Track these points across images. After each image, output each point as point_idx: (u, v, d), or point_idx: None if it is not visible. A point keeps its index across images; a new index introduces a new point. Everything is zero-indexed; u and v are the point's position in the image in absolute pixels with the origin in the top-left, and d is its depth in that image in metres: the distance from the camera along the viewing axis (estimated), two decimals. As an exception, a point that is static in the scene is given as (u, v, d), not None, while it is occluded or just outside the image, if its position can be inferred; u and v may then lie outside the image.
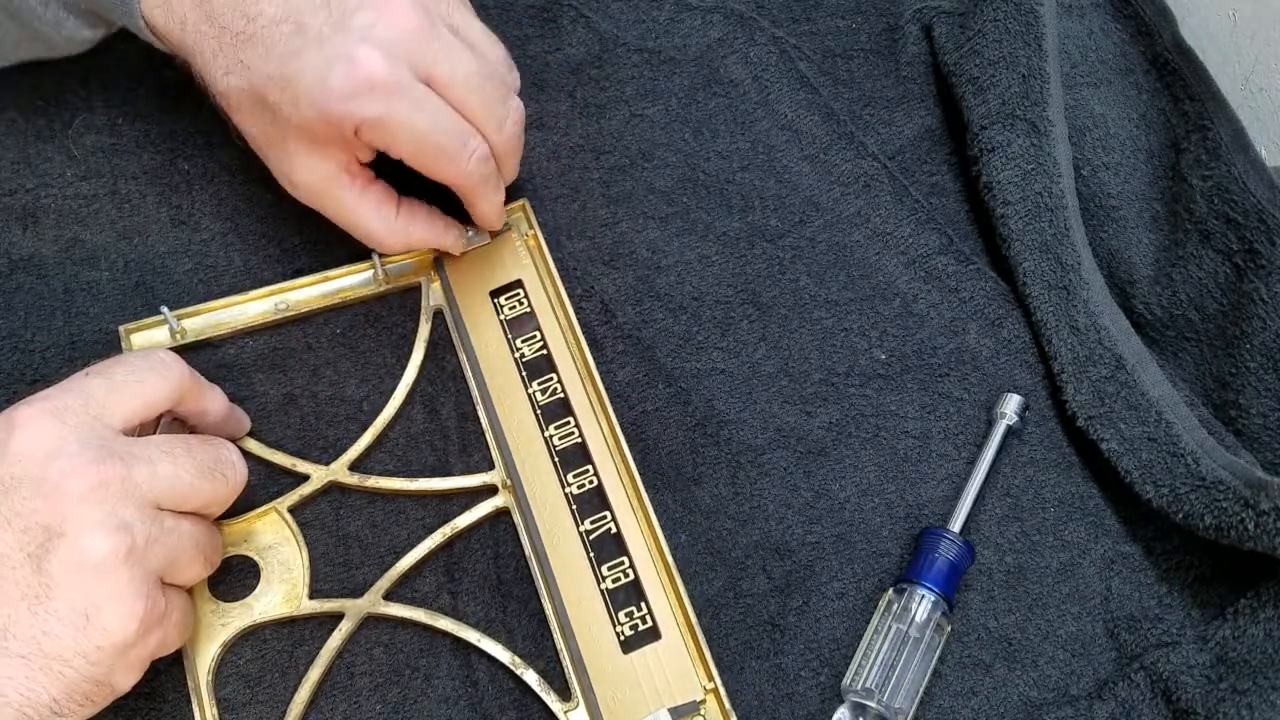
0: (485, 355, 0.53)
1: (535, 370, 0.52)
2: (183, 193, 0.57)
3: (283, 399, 0.53)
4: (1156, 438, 0.52)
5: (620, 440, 0.51)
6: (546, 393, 0.52)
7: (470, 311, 0.54)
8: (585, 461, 0.51)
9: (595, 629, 0.48)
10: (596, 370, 0.52)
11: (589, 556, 0.49)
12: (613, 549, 0.49)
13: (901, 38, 0.67)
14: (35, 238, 0.55)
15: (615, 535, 0.49)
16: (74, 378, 0.43)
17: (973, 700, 0.50)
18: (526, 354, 0.53)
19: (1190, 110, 0.60)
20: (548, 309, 0.54)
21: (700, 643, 0.47)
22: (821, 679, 0.50)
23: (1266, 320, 0.54)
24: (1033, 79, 0.60)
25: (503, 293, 0.55)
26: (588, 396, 0.52)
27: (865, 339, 0.57)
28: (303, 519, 0.50)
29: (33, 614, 0.38)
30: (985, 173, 0.60)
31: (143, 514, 0.40)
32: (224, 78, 0.47)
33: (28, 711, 0.38)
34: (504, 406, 0.52)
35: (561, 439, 0.51)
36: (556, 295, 0.54)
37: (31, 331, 0.53)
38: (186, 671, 0.46)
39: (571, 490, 0.50)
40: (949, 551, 0.51)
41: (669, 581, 0.48)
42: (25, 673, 0.38)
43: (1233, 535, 0.49)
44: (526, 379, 0.52)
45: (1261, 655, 0.48)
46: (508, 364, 0.53)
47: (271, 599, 0.48)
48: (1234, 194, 0.57)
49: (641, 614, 0.48)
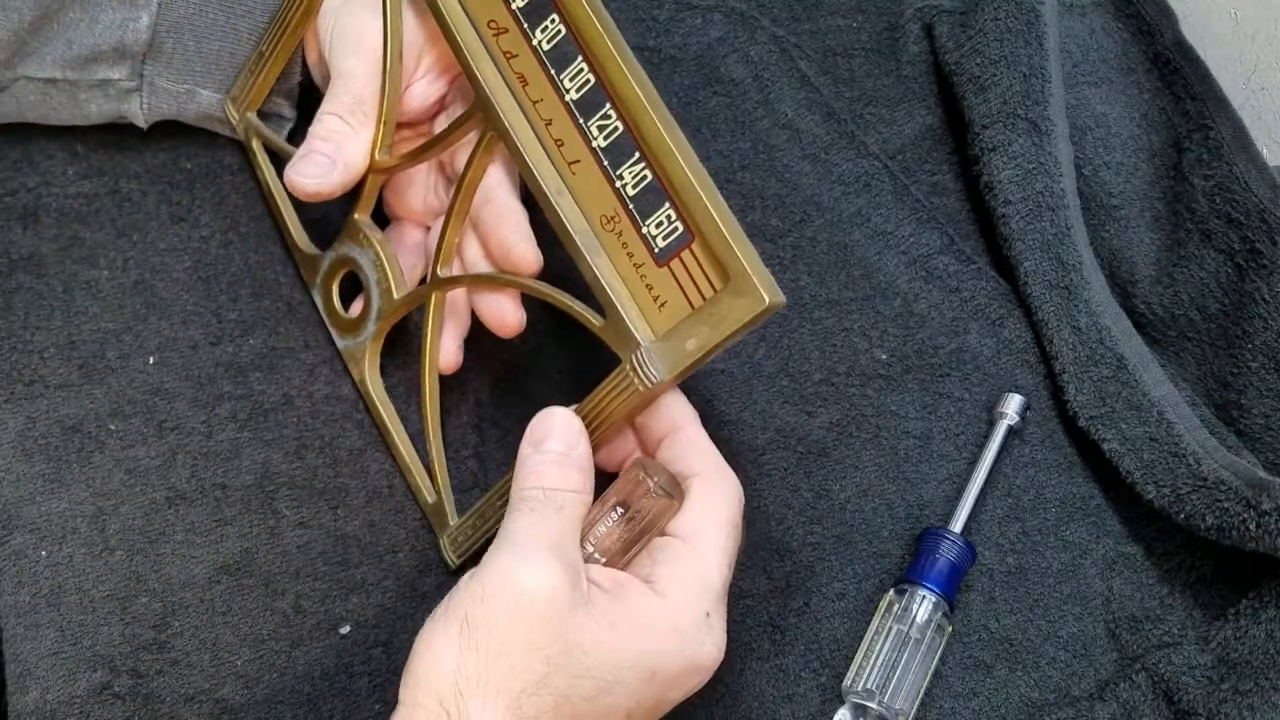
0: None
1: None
2: (183, 190, 0.57)
3: (281, 399, 0.53)
4: (1158, 438, 0.52)
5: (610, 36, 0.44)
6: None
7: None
8: (576, 55, 0.45)
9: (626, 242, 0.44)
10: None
11: (602, 165, 0.44)
12: (625, 147, 0.44)
13: (902, 37, 0.67)
14: (35, 236, 0.55)
15: (629, 138, 0.44)
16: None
17: (974, 701, 0.50)
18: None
19: (1192, 109, 0.60)
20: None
21: (742, 240, 0.42)
22: (822, 680, 0.50)
23: (1268, 320, 0.54)
24: (1034, 78, 0.59)
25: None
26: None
27: (866, 339, 0.57)
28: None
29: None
30: (986, 172, 0.60)
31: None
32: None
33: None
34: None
35: (550, 40, 0.46)
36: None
37: (31, 331, 0.53)
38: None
39: (569, 93, 0.45)
40: (950, 552, 0.51)
41: (693, 179, 0.42)
42: None
43: (1234, 536, 0.48)
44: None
45: (1263, 656, 0.48)
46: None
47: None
48: (1235, 193, 0.57)
49: (669, 218, 0.43)
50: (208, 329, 0.54)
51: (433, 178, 0.53)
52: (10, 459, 0.51)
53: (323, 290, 0.54)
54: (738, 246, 0.41)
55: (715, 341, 0.41)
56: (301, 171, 0.48)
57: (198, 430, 0.52)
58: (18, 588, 0.49)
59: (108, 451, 0.51)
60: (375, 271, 0.51)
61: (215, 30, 0.52)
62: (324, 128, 0.49)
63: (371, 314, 0.52)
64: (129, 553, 0.50)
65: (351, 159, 0.48)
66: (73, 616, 0.48)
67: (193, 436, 0.52)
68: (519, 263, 0.48)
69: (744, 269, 0.40)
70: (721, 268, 0.41)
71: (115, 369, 0.53)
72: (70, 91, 0.52)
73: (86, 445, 0.51)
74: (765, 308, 0.40)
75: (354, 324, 0.53)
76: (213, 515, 0.51)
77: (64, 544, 0.49)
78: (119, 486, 0.51)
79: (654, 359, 0.42)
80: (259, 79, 0.53)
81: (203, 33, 0.52)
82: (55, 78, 0.52)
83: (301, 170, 0.48)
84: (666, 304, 0.43)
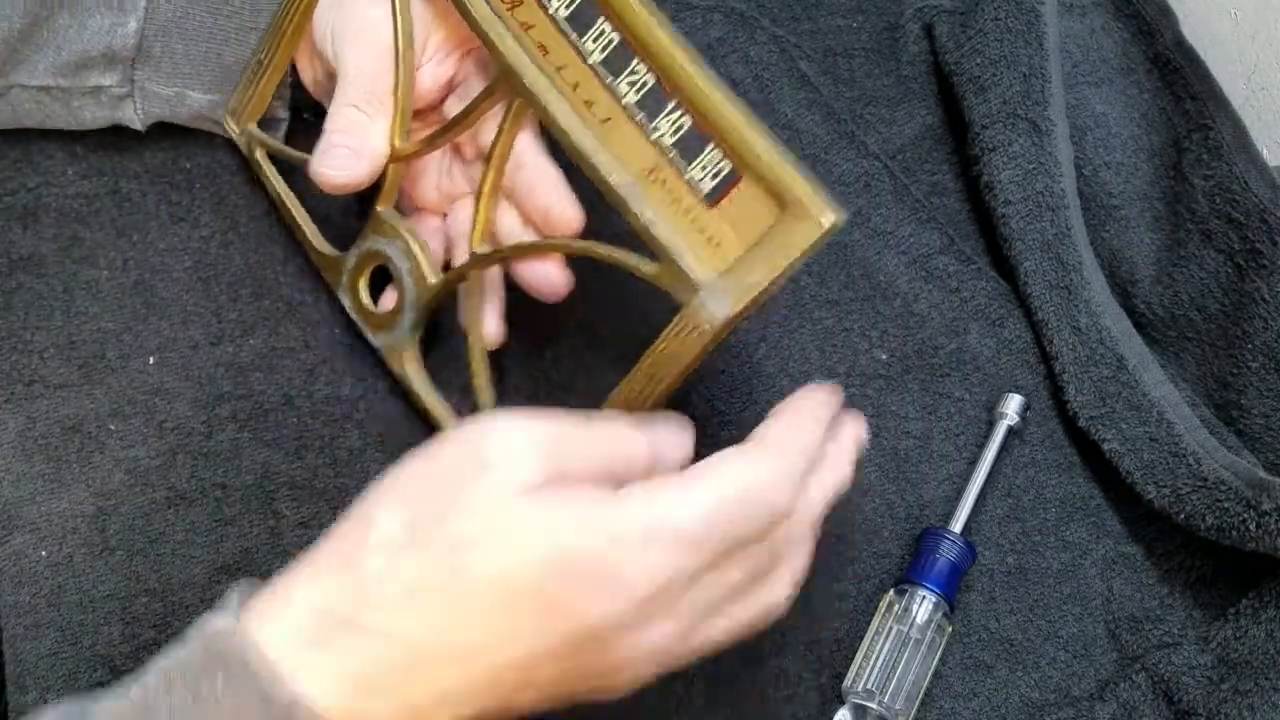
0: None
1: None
2: (183, 191, 0.57)
3: (281, 399, 0.53)
4: (1158, 438, 0.52)
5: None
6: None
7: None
8: (596, 16, 0.44)
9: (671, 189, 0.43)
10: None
11: (636, 120, 0.43)
12: (658, 98, 0.43)
13: (902, 37, 0.67)
14: (35, 236, 0.55)
15: (661, 88, 0.43)
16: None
17: (974, 701, 0.50)
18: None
19: (1192, 109, 0.60)
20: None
21: (793, 167, 0.41)
22: (822, 680, 0.50)
23: (1268, 320, 0.54)
24: (1034, 78, 0.59)
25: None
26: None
27: (866, 339, 0.57)
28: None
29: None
30: (986, 172, 0.60)
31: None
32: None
33: None
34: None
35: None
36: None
37: (31, 331, 0.53)
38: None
39: (592, 55, 0.44)
40: (950, 552, 0.51)
41: (736, 116, 0.41)
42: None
43: (1234, 536, 0.48)
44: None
45: (1263, 656, 0.48)
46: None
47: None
48: (1235, 193, 0.57)
49: (714, 159, 0.42)
50: (208, 329, 0.54)
51: (446, 161, 0.53)
52: (10, 459, 0.51)
53: (350, 290, 0.53)
54: (790, 173, 0.40)
55: (778, 271, 0.41)
56: (328, 164, 0.48)
57: (198, 430, 0.52)
58: (18, 588, 0.49)
59: (108, 451, 0.51)
60: (406, 260, 0.51)
61: (202, 32, 0.52)
62: (343, 120, 0.48)
63: (407, 304, 0.51)
64: (129, 553, 0.50)
65: (375, 148, 0.48)
66: (73, 616, 0.48)
67: (193, 436, 0.52)
68: (560, 222, 0.48)
69: (800, 194, 0.40)
70: (776, 197, 0.41)
71: (115, 369, 0.53)
72: (64, 99, 0.52)
73: (86, 445, 0.51)
74: (826, 229, 0.40)
75: (388, 319, 0.52)
76: (213, 515, 0.51)
77: (64, 544, 0.49)
78: (119, 486, 0.51)
79: (716, 297, 0.42)
80: (258, 88, 0.53)
81: (190, 35, 0.52)
82: (48, 85, 0.52)
83: (327, 164, 0.48)
84: (721, 243, 0.42)
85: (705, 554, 0.35)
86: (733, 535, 0.36)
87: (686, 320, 0.42)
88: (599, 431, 0.37)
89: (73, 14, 0.50)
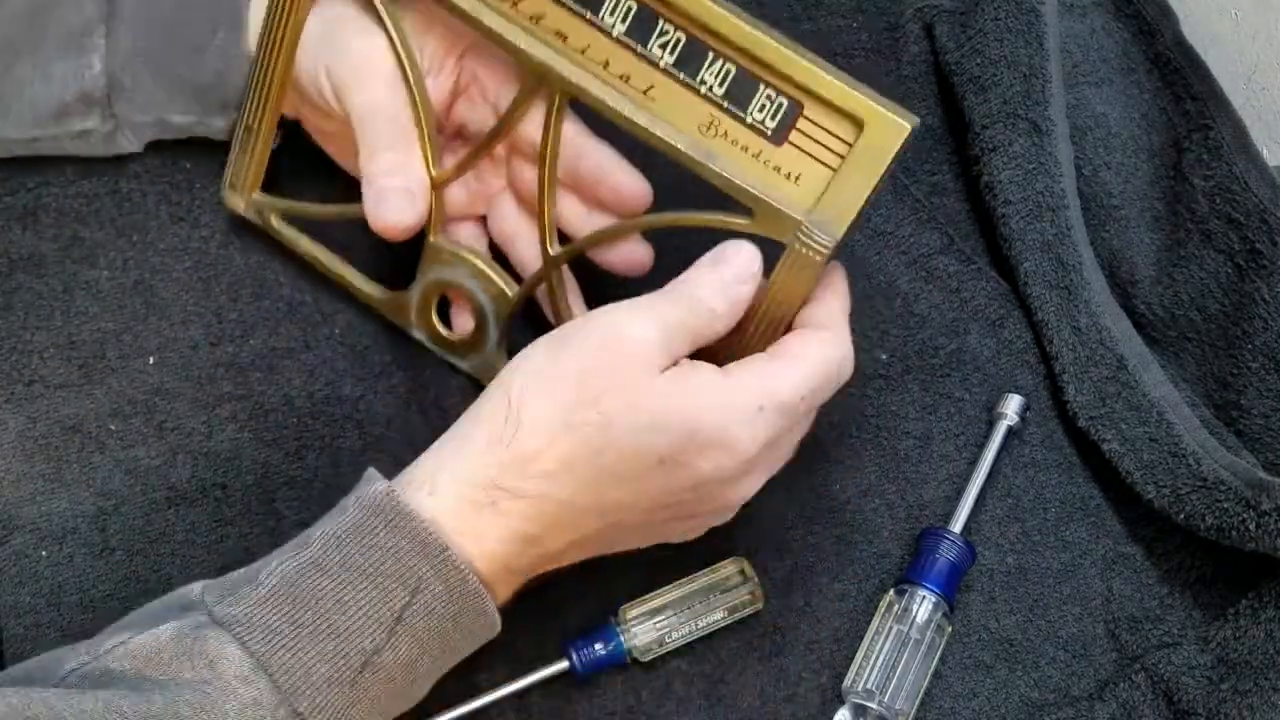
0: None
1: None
2: (183, 191, 0.57)
3: (281, 399, 0.53)
4: (1158, 438, 0.52)
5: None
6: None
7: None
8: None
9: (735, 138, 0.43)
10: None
11: (679, 80, 0.44)
12: (696, 52, 0.43)
13: (902, 37, 0.67)
14: (35, 236, 0.55)
15: (696, 41, 0.43)
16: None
17: (973, 701, 0.50)
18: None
19: (1192, 109, 0.60)
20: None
21: (853, 82, 0.42)
22: (822, 680, 0.50)
23: (1268, 320, 0.54)
24: (1034, 78, 0.59)
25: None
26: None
27: (866, 339, 0.57)
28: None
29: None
30: (986, 172, 0.60)
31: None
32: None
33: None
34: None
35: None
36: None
37: (31, 331, 0.53)
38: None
39: (615, 27, 0.44)
40: (950, 552, 0.51)
41: (782, 48, 0.42)
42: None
43: (1234, 536, 0.48)
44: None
45: (1263, 656, 0.48)
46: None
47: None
48: (1235, 194, 0.57)
49: (770, 97, 0.43)
50: (208, 329, 0.54)
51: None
52: (10, 459, 0.51)
53: (424, 325, 0.53)
54: (855, 90, 0.41)
55: (874, 183, 0.42)
56: (389, 212, 0.47)
57: (198, 430, 0.52)
58: (18, 588, 0.49)
59: (108, 451, 0.51)
60: (478, 280, 0.50)
61: (165, 58, 0.51)
62: (383, 164, 0.48)
63: (489, 322, 0.51)
64: (129, 553, 0.50)
65: (423, 180, 0.48)
66: (73, 616, 0.48)
67: (193, 436, 0.52)
68: (634, 199, 0.48)
69: (875, 106, 0.41)
70: (846, 115, 0.42)
71: (115, 369, 0.53)
72: (54, 144, 0.52)
73: (86, 445, 0.51)
74: (910, 130, 0.41)
75: (473, 340, 0.52)
76: (213, 516, 0.51)
77: (64, 544, 0.49)
78: (119, 486, 0.51)
79: (820, 226, 0.42)
80: (253, 155, 0.52)
81: (154, 63, 0.51)
82: (36, 136, 0.51)
83: (387, 212, 0.47)
84: (802, 175, 0.43)
85: (793, 419, 0.43)
86: (814, 403, 0.44)
87: (795, 256, 0.43)
88: (689, 307, 0.43)
89: (34, 63, 0.50)
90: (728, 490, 0.43)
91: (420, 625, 0.39)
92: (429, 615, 0.40)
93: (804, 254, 0.43)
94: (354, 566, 0.39)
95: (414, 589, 0.39)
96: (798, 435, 0.45)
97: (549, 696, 0.49)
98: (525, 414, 0.41)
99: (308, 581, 0.39)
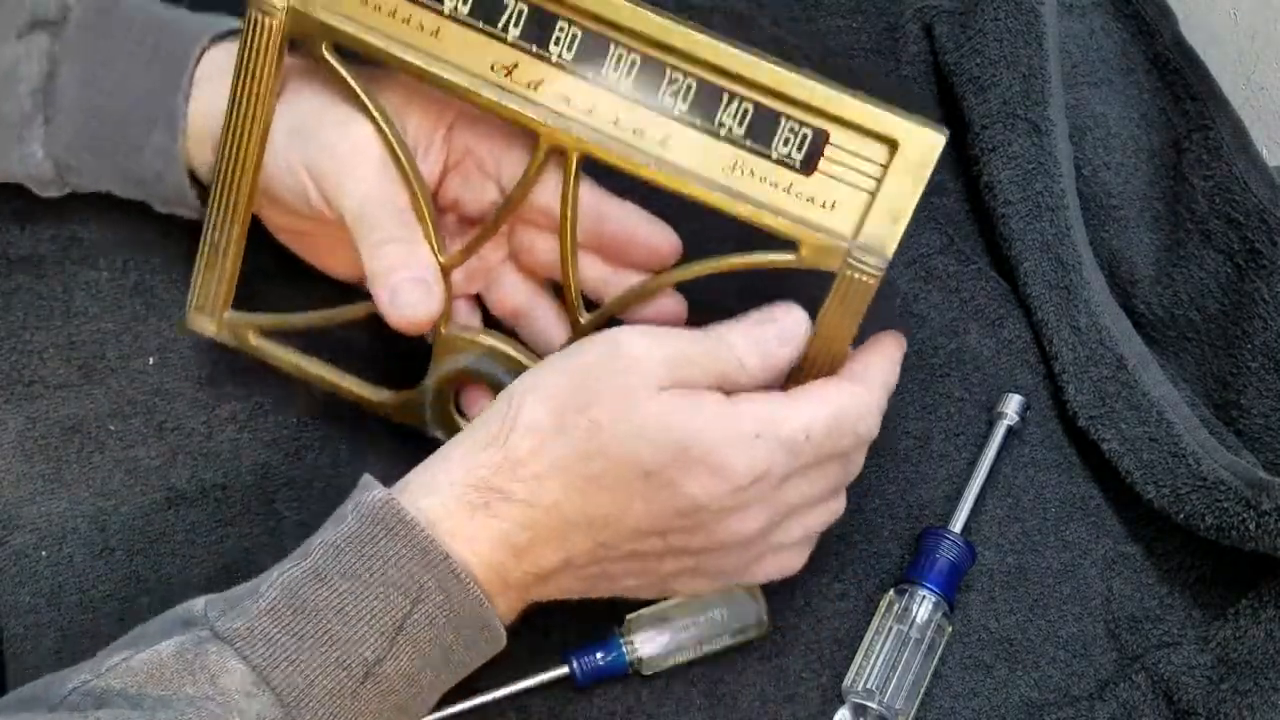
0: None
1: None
2: (182, 192, 0.57)
3: (281, 399, 0.53)
4: (1158, 438, 0.52)
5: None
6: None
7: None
8: (607, 44, 0.43)
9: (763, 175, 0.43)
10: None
11: (695, 125, 0.43)
12: (710, 96, 0.42)
13: (902, 37, 0.67)
14: (34, 236, 0.55)
15: (707, 85, 0.42)
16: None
17: (974, 701, 0.50)
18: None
19: (1191, 109, 0.60)
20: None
21: (876, 100, 0.41)
22: (823, 680, 0.50)
23: (1268, 320, 0.54)
24: (1033, 78, 0.59)
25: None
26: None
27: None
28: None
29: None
30: (986, 172, 0.60)
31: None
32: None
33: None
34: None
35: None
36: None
37: (30, 331, 0.53)
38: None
39: (620, 83, 0.43)
40: (950, 552, 0.51)
41: (796, 78, 0.41)
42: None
43: (1234, 535, 0.48)
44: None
45: (1263, 656, 0.48)
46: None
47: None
48: (1235, 193, 0.57)
49: (793, 129, 0.42)
50: (208, 329, 0.54)
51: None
52: (10, 459, 0.51)
53: (443, 421, 0.49)
54: (881, 109, 0.41)
55: (919, 194, 0.42)
56: (407, 305, 0.45)
57: (198, 430, 0.52)
58: (18, 588, 0.49)
59: (108, 451, 0.51)
60: (501, 362, 0.47)
61: (106, 149, 0.49)
62: (391, 258, 0.45)
63: None
64: (129, 553, 0.50)
65: (435, 268, 0.46)
66: (73, 616, 0.48)
67: (193, 437, 0.52)
68: (666, 253, 0.47)
69: (904, 124, 0.41)
70: (876, 135, 0.41)
71: (115, 369, 0.53)
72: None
73: (86, 445, 0.51)
74: (944, 141, 0.41)
75: None
76: (213, 516, 0.51)
77: (64, 544, 0.50)
78: (119, 486, 0.51)
79: (868, 250, 0.42)
80: (222, 273, 0.48)
81: (97, 152, 0.49)
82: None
83: (405, 305, 0.45)
84: (838, 202, 0.42)
85: (798, 460, 0.41)
86: (824, 450, 0.42)
87: (846, 283, 0.42)
88: (712, 348, 0.42)
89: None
90: (720, 522, 0.41)
91: (422, 635, 0.39)
92: (431, 624, 0.39)
93: (856, 280, 0.42)
94: (354, 575, 0.39)
95: (415, 598, 0.39)
96: (812, 486, 0.43)
97: (548, 699, 0.49)
98: (521, 416, 0.41)
99: (308, 592, 0.39)
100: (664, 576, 0.44)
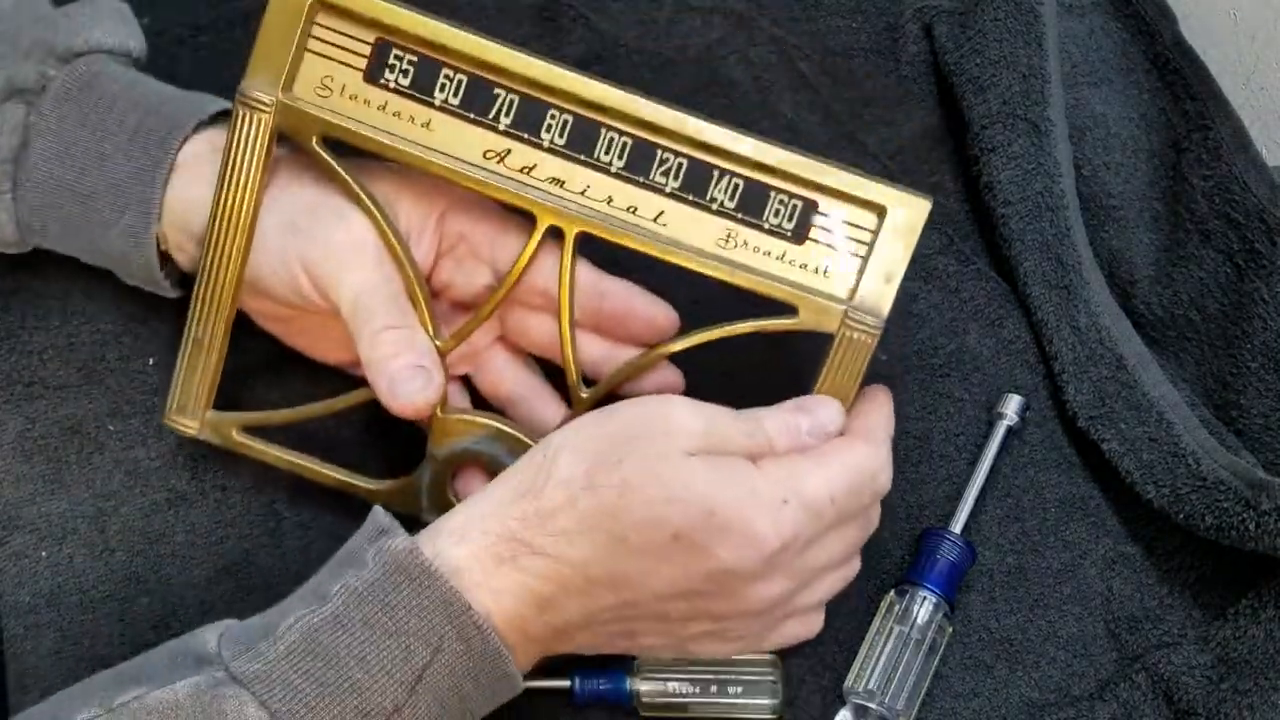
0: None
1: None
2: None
3: (281, 401, 0.53)
4: (1157, 438, 0.52)
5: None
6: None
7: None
8: (598, 128, 0.44)
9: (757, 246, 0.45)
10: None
11: (687, 202, 0.45)
12: (701, 173, 0.44)
13: (902, 37, 0.67)
14: (34, 237, 0.55)
15: (698, 163, 0.44)
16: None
17: (974, 701, 0.50)
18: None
19: (1191, 110, 0.60)
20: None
21: (862, 173, 0.44)
22: (823, 681, 0.50)
23: (1267, 320, 0.54)
24: (1033, 78, 0.59)
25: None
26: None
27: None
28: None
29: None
30: (986, 172, 0.60)
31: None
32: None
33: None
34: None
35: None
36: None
37: (30, 331, 0.53)
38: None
39: (612, 164, 0.45)
40: (950, 552, 0.51)
41: (781, 154, 0.44)
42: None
43: (1234, 535, 0.48)
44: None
45: (1263, 656, 0.48)
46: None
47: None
48: (1235, 194, 0.57)
49: (783, 201, 0.44)
50: (207, 329, 0.54)
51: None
52: (10, 459, 0.51)
53: (440, 505, 0.48)
54: (865, 179, 0.43)
55: (909, 254, 0.44)
56: (408, 392, 0.45)
57: (198, 431, 0.52)
58: (18, 588, 0.49)
59: (108, 452, 0.51)
60: (501, 443, 0.47)
61: (73, 222, 0.48)
62: (389, 345, 0.45)
63: None
64: (129, 553, 0.50)
65: (434, 353, 0.46)
66: (73, 616, 0.48)
67: (193, 437, 0.52)
68: (665, 325, 0.48)
69: (890, 192, 0.43)
70: (864, 203, 0.44)
71: (115, 370, 0.53)
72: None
73: (86, 446, 0.51)
74: (930, 206, 0.43)
75: None
76: (213, 517, 0.51)
77: (64, 544, 0.50)
78: (119, 487, 0.51)
79: (865, 309, 0.44)
80: (205, 371, 0.48)
81: (64, 223, 0.49)
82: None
83: (406, 392, 0.45)
84: (829, 268, 0.45)
85: (822, 522, 0.42)
86: (846, 511, 0.43)
87: (846, 343, 0.45)
88: (746, 427, 0.43)
89: None
90: (748, 587, 0.42)
91: (442, 684, 0.39)
92: (450, 674, 0.39)
93: (855, 339, 0.44)
94: (376, 624, 0.39)
95: (436, 647, 0.39)
96: (834, 548, 0.44)
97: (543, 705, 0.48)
98: (555, 469, 0.41)
99: (327, 638, 0.38)
100: (685, 638, 0.44)
